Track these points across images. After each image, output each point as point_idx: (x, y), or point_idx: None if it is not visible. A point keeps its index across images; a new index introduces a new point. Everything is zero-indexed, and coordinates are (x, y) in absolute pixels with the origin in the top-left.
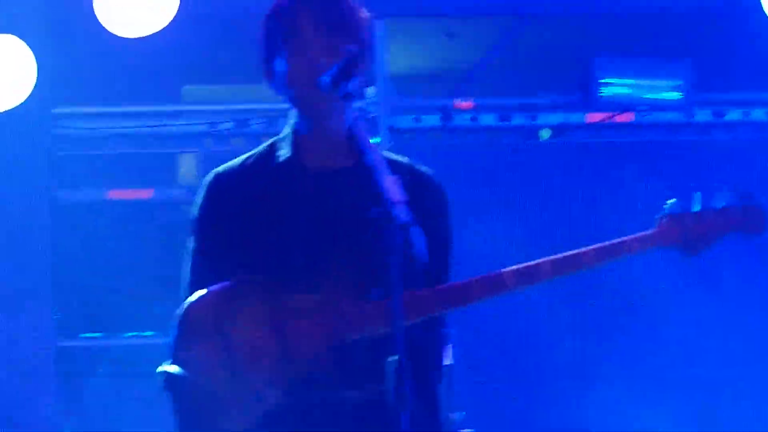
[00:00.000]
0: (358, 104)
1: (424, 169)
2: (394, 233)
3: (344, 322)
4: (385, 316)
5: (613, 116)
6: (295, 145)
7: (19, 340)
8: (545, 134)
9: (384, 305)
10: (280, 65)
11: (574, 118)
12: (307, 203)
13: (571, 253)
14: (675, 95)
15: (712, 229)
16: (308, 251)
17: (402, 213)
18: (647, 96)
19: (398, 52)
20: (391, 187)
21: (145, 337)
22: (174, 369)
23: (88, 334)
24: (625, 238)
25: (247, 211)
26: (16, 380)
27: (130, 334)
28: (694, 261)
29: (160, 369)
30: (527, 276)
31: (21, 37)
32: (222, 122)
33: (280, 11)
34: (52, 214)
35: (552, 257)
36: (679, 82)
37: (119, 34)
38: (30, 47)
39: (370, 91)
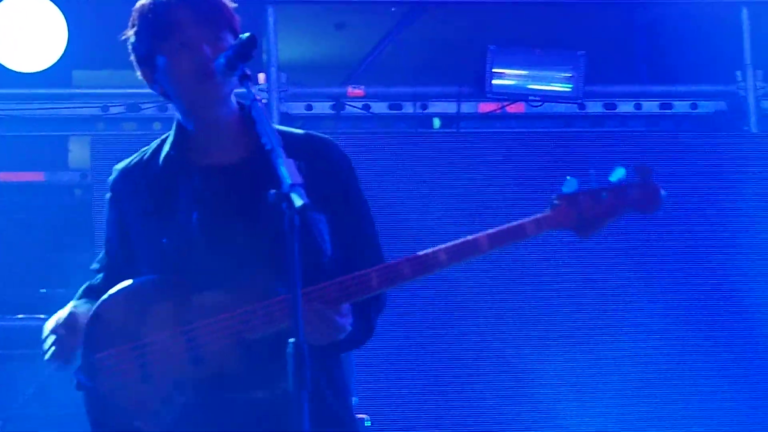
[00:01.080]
0: (253, 88)
1: (322, 135)
2: (293, 216)
3: (251, 320)
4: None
5: (504, 106)
6: (179, 143)
7: None
8: (436, 123)
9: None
10: (162, 62)
11: (466, 107)
12: (198, 200)
13: (467, 239)
14: (566, 86)
15: (608, 207)
16: (206, 249)
17: (300, 195)
18: (539, 87)
19: (289, 40)
20: (289, 169)
21: (37, 319)
22: (83, 375)
23: None
24: (521, 221)
25: (140, 209)
26: None
27: (20, 316)
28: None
29: (74, 371)
30: (422, 265)
31: None
32: (113, 105)
33: (154, 8)
34: None
35: (447, 245)
36: (570, 74)
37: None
38: None
39: (261, 78)
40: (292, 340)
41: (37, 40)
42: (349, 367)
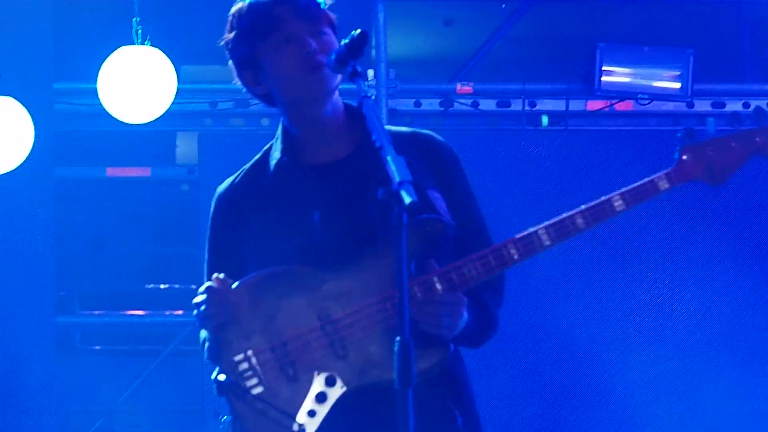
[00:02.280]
0: (362, 85)
1: (427, 132)
2: (400, 214)
3: (391, 306)
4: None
5: (612, 104)
6: (287, 145)
7: (17, 315)
8: (545, 121)
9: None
10: (266, 60)
11: (575, 105)
12: (316, 200)
13: (599, 201)
14: (675, 84)
15: (734, 154)
16: (331, 248)
17: (410, 192)
18: (647, 84)
19: (398, 36)
20: (399, 166)
21: (142, 314)
22: (222, 377)
23: (86, 311)
24: (651, 178)
25: (258, 222)
26: (16, 353)
27: (127, 312)
28: None
29: (213, 376)
30: (563, 230)
31: None
32: (221, 101)
33: (254, 8)
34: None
35: (581, 208)
36: (679, 72)
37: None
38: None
39: (370, 74)
40: (398, 338)
41: (147, 91)
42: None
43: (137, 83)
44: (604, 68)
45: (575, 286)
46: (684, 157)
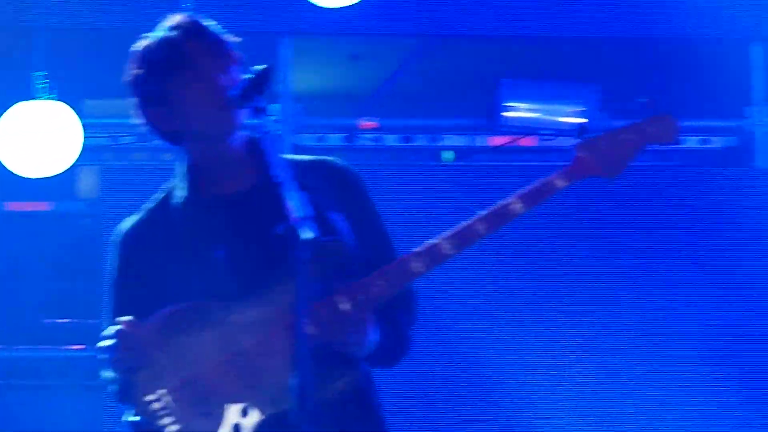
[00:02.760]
0: (265, 120)
1: (329, 157)
2: (301, 249)
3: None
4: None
5: (516, 140)
6: (191, 180)
7: None
8: (449, 156)
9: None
10: (175, 97)
11: (478, 140)
12: (219, 235)
13: (497, 205)
14: (579, 120)
15: (628, 145)
16: (234, 283)
17: (309, 228)
18: (551, 120)
19: (303, 71)
20: (299, 202)
21: (40, 350)
22: (136, 418)
23: None
24: (547, 178)
25: (157, 259)
26: None
27: (26, 346)
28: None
29: (124, 418)
30: (463, 237)
31: None
32: (123, 135)
33: (162, 44)
34: None
35: (481, 214)
36: (584, 108)
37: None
38: None
39: (275, 108)
40: (295, 372)
41: (49, 145)
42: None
43: (39, 138)
44: (507, 104)
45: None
46: (579, 154)
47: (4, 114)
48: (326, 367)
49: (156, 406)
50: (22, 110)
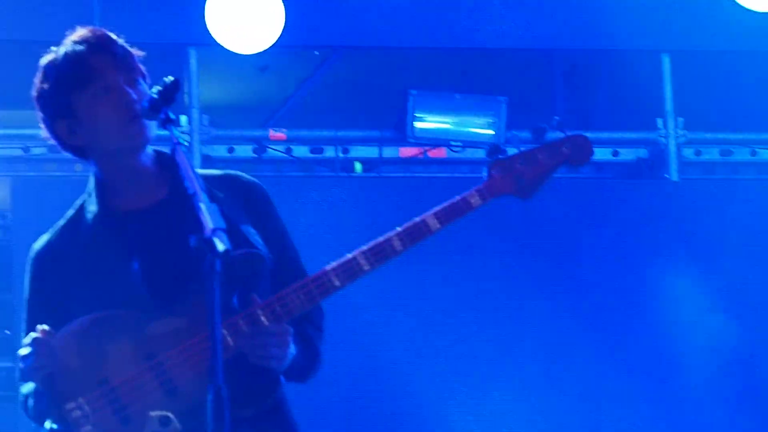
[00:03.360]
0: (175, 131)
1: (236, 172)
2: (216, 261)
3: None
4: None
5: (425, 151)
6: (101, 196)
7: None
8: (358, 167)
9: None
10: (83, 111)
11: (388, 152)
12: (132, 248)
13: (413, 221)
14: (488, 131)
15: (544, 167)
16: (151, 295)
17: (222, 239)
18: (461, 132)
19: (210, 82)
20: (212, 214)
21: None
22: (54, 426)
23: None
24: (463, 195)
25: (72, 277)
26: None
27: None
28: None
29: (47, 425)
30: (380, 253)
31: None
32: (34, 146)
33: (69, 58)
34: None
35: (397, 230)
36: (492, 120)
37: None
38: None
39: (182, 120)
40: (210, 385)
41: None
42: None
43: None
44: (416, 115)
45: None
46: (493, 173)
47: None
48: (245, 380)
49: (75, 413)
50: None
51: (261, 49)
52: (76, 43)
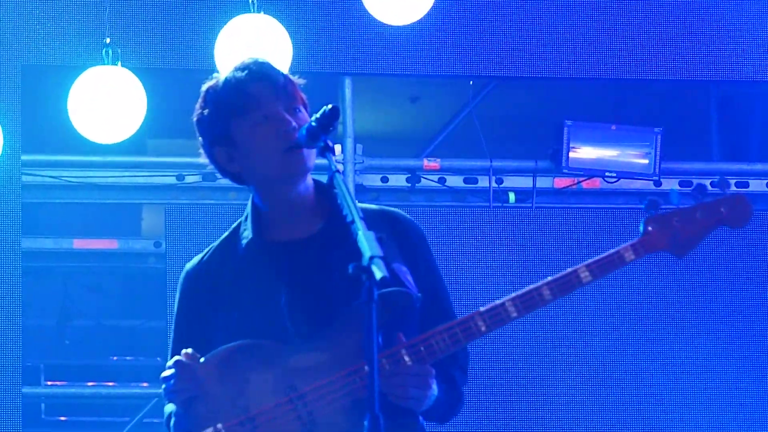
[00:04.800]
0: (332, 160)
1: (394, 209)
2: (371, 288)
3: (360, 379)
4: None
5: (580, 182)
6: (257, 223)
7: None
8: (511, 198)
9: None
10: (243, 138)
11: (542, 182)
12: (283, 280)
13: (566, 272)
14: (642, 162)
15: (699, 225)
16: (296, 329)
17: (380, 267)
18: (615, 162)
19: (364, 111)
20: (369, 241)
21: (108, 386)
22: None
23: (51, 382)
24: (618, 249)
25: (219, 300)
26: None
27: (93, 383)
28: None
29: None
30: (529, 301)
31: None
32: (189, 174)
33: (232, 85)
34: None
35: (547, 280)
36: (647, 151)
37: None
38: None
39: (337, 149)
40: (368, 413)
41: (116, 111)
42: None
43: (107, 103)
44: (571, 145)
45: None
46: (650, 228)
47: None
48: (384, 418)
49: None
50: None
51: (413, 20)
52: (237, 69)
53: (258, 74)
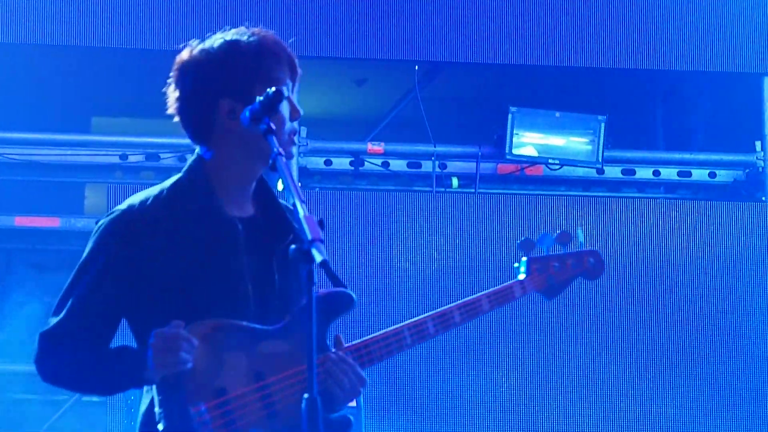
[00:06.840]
0: (275, 142)
1: None
2: (311, 271)
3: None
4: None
5: (523, 168)
6: (210, 190)
7: None
8: (455, 183)
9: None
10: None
11: (485, 168)
12: (245, 250)
13: (471, 300)
14: (586, 150)
15: (569, 270)
16: (256, 298)
17: (320, 251)
18: (559, 149)
19: (309, 94)
20: (310, 225)
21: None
22: (163, 426)
23: None
24: (508, 284)
25: (172, 253)
26: None
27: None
28: None
29: (160, 427)
30: (421, 332)
31: None
32: (132, 154)
33: (270, 54)
34: None
35: (459, 302)
36: (590, 138)
37: None
38: None
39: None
40: (306, 395)
41: None
42: None
43: None
44: (515, 132)
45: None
46: (534, 268)
47: None
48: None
49: (198, 419)
50: None
51: None
52: (275, 42)
53: (291, 56)
